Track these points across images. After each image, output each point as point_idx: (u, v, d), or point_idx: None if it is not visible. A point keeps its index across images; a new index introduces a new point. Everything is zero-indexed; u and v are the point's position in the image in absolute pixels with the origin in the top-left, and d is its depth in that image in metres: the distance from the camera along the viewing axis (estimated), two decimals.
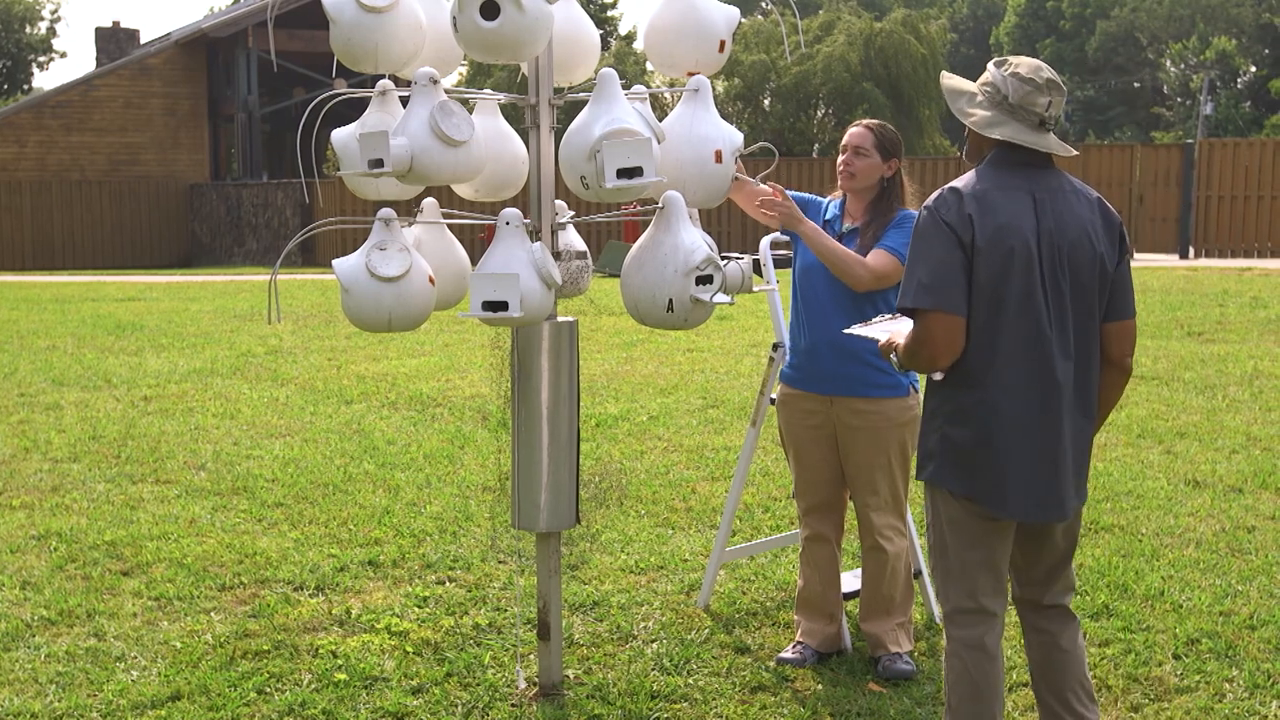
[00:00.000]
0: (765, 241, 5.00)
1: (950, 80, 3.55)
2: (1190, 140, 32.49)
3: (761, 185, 4.56)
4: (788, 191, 4.52)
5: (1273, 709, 4.15)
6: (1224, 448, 7.66)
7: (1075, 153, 3.50)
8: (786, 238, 4.72)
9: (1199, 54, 61.57)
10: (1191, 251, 25.30)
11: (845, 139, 4.53)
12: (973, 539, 3.46)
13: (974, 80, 3.49)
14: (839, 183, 4.56)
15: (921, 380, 3.95)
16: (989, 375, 3.33)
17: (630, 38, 51.62)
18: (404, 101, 3.91)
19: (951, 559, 3.49)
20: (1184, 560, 5.57)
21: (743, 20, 37.50)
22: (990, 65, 3.45)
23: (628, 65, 37.01)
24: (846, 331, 3.99)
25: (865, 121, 4.59)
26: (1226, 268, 20.56)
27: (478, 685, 4.40)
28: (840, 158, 4.52)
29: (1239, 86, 63.93)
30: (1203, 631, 4.75)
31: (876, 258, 4.35)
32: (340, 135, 4.11)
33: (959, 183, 3.37)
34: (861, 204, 4.52)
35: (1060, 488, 3.37)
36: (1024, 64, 3.37)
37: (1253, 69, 63.75)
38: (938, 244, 3.30)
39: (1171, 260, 24.27)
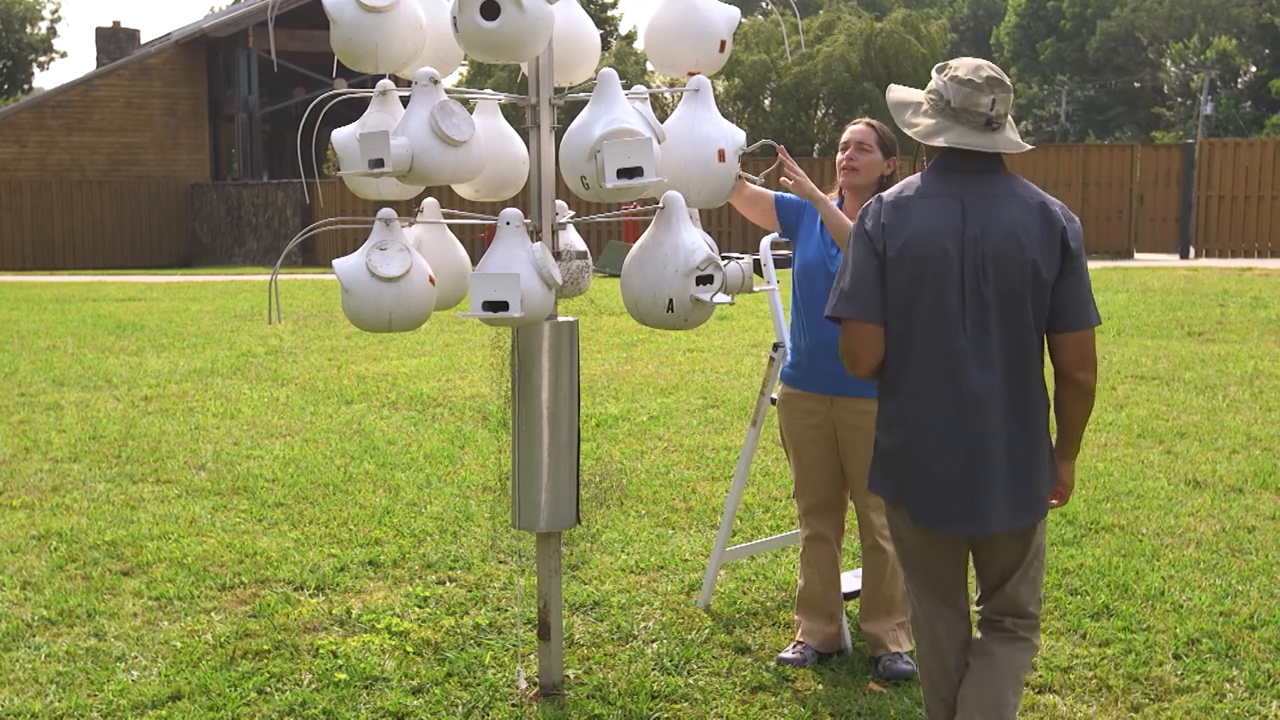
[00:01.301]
0: (765, 241, 5.00)
1: (895, 93, 3.48)
2: (1191, 140, 32.49)
3: (760, 187, 4.56)
4: (784, 193, 4.53)
5: (1273, 709, 4.15)
6: (1224, 448, 7.66)
7: (1028, 148, 3.36)
8: (786, 238, 4.72)
9: (1199, 54, 61.58)
10: (1192, 251, 25.30)
11: (847, 135, 4.53)
12: (912, 546, 3.46)
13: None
14: (840, 179, 4.55)
15: None
16: (905, 384, 3.31)
17: (631, 37, 51.62)
18: (404, 101, 3.91)
19: (901, 561, 3.55)
20: (1184, 560, 5.57)
21: (743, 20, 37.50)
22: (934, 72, 3.39)
23: (628, 65, 37.02)
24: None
25: (865, 119, 4.59)
26: (1227, 268, 20.56)
27: (478, 685, 4.40)
28: (842, 154, 4.52)
29: (1239, 86, 63.94)
30: (1203, 631, 4.75)
31: None
32: (340, 135, 4.11)
33: (893, 189, 3.38)
34: (859, 202, 4.51)
35: (982, 502, 3.26)
36: (964, 65, 3.29)
37: (1253, 69, 63.77)
38: (859, 252, 3.32)
39: (1172, 260, 24.27)
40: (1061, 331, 3.25)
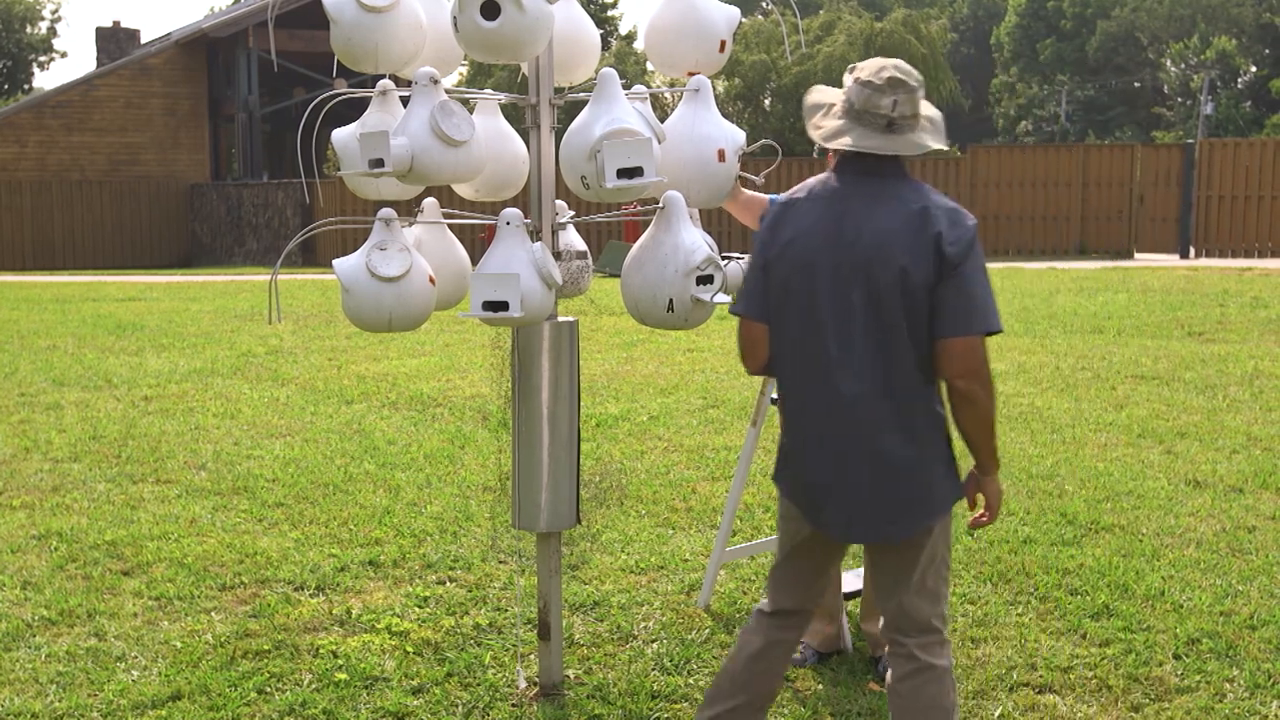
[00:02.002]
0: None
1: (814, 95, 3.44)
2: (1191, 140, 32.49)
3: (755, 192, 4.56)
4: (780, 196, 4.52)
5: (1273, 709, 4.15)
6: (1224, 448, 7.66)
7: (933, 148, 3.27)
8: None
9: (1199, 54, 61.59)
10: (1192, 251, 25.32)
11: None
12: (791, 540, 3.47)
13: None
14: None
15: None
16: (786, 384, 3.34)
17: (631, 37, 51.63)
18: (404, 101, 3.91)
19: (779, 549, 3.55)
20: (1184, 560, 5.57)
21: (743, 20, 37.48)
22: (845, 74, 3.37)
23: (628, 65, 37.03)
24: None
25: None
26: (1227, 267, 20.57)
27: (478, 685, 4.40)
28: None
29: (1239, 86, 63.94)
30: (1203, 631, 4.75)
31: None
32: (340, 135, 4.11)
33: (793, 189, 3.41)
34: None
35: (856, 509, 3.25)
36: (868, 66, 3.26)
37: (1253, 69, 63.76)
38: (753, 251, 3.37)
39: (1172, 260, 24.29)
40: (940, 338, 3.15)
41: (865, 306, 3.16)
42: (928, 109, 3.32)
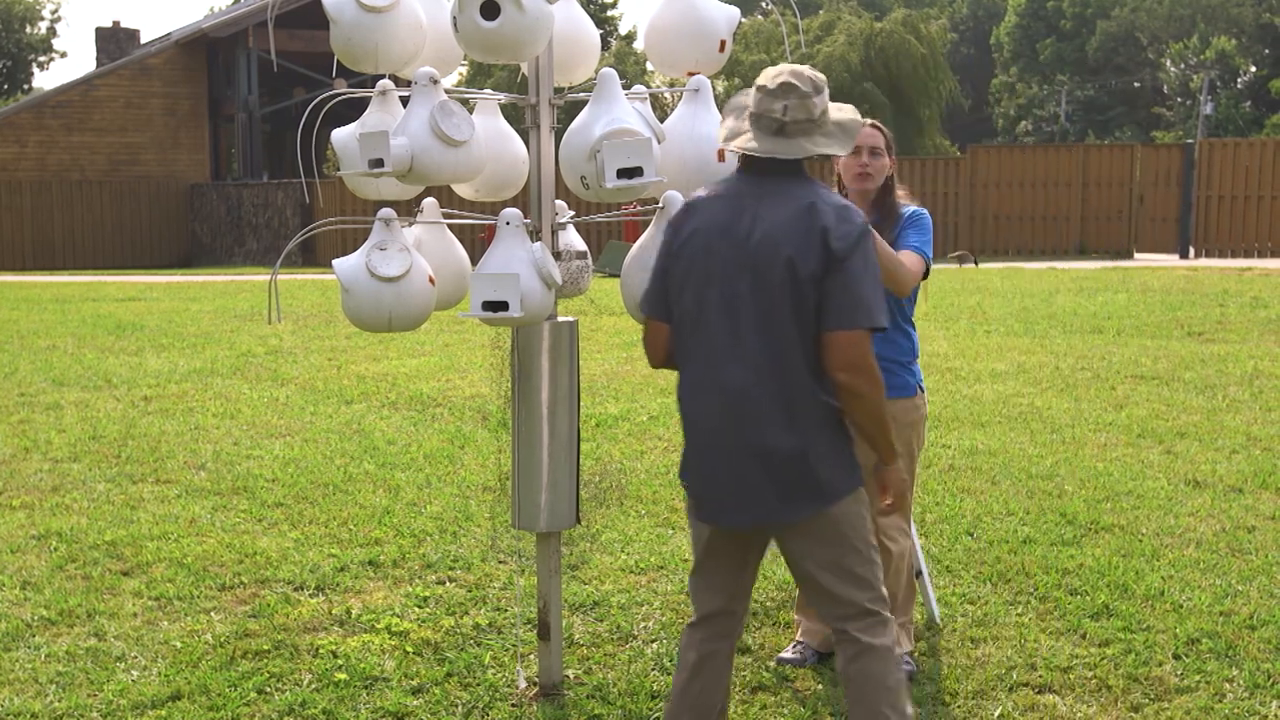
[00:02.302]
0: None
1: (734, 98, 3.49)
2: (1190, 140, 32.51)
3: None
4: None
5: (1273, 709, 4.15)
6: (1224, 448, 7.66)
7: (820, 153, 3.31)
8: None
9: (1199, 54, 61.60)
10: (1192, 251, 25.33)
11: (857, 140, 4.49)
12: (699, 540, 3.51)
13: None
14: (853, 184, 4.51)
15: (927, 381, 3.96)
16: (681, 375, 3.41)
17: (630, 37, 51.65)
18: (404, 101, 3.91)
19: (693, 554, 3.60)
20: (1184, 560, 5.57)
21: (743, 20, 37.45)
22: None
23: (628, 65, 37.05)
24: None
25: (870, 121, 4.55)
26: (1227, 267, 20.57)
27: (478, 685, 4.40)
28: (854, 159, 4.48)
29: (1239, 86, 63.95)
30: (1203, 631, 4.74)
31: (911, 260, 4.35)
32: (340, 135, 4.11)
33: (700, 189, 3.48)
34: (866, 202, 4.51)
35: (744, 495, 3.30)
36: (769, 71, 3.34)
37: (1253, 69, 63.78)
38: (662, 251, 3.44)
39: (1172, 260, 24.30)
40: (824, 331, 3.22)
41: (752, 298, 3.24)
42: (841, 113, 3.38)
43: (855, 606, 3.38)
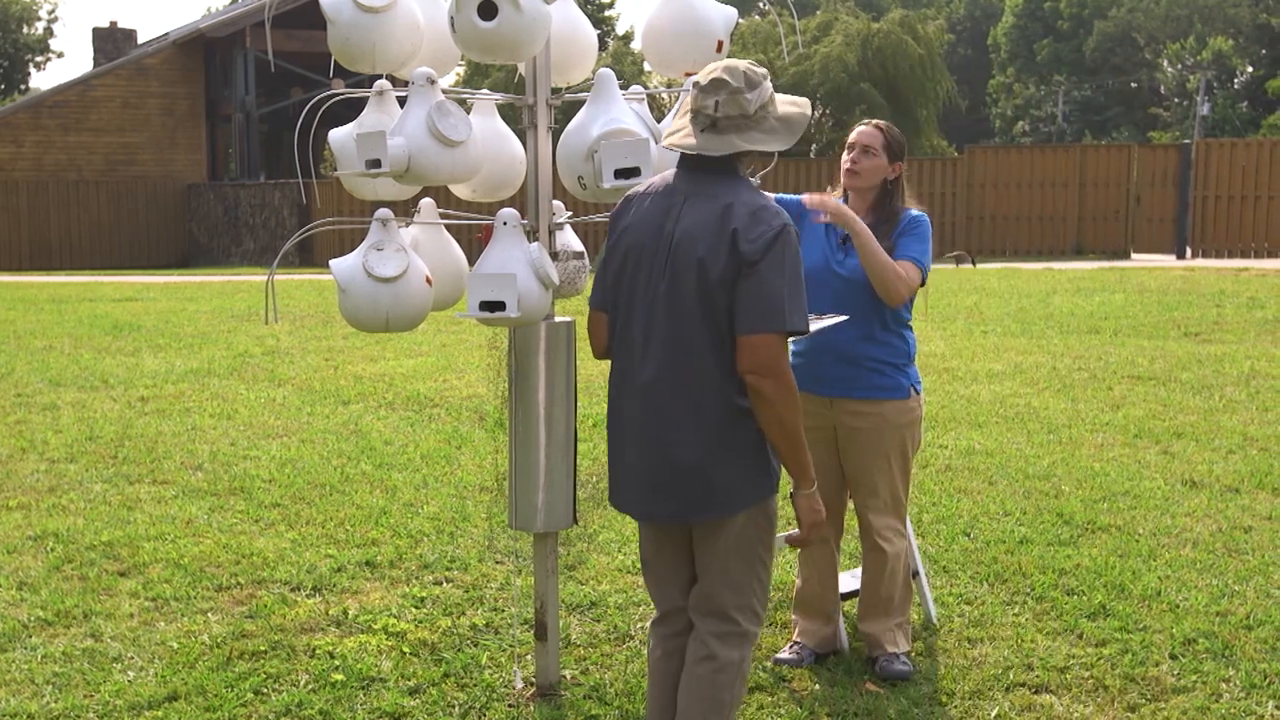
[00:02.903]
0: None
1: (683, 96, 3.51)
2: (1187, 140, 32.52)
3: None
4: (785, 195, 4.52)
5: (1269, 709, 4.16)
6: (1221, 448, 7.67)
7: (748, 148, 3.26)
8: None
9: (1196, 54, 61.63)
10: (1188, 252, 25.33)
11: (853, 137, 4.50)
12: (641, 533, 3.58)
13: None
14: (842, 180, 4.53)
15: (924, 381, 3.96)
16: (611, 370, 3.47)
17: (628, 38, 51.64)
18: (401, 102, 3.91)
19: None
20: (1181, 560, 5.57)
21: (740, 20, 37.31)
22: None
23: (625, 65, 37.03)
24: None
25: (875, 121, 4.55)
26: (1223, 268, 20.58)
27: (475, 686, 4.40)
28: (847, 155, 4.50)
29: (1236, 87, 63.98)
30: (1199, 631, 4.75)
31: (907, 269, 4.34)
32: (337, 135, 4.11)
33: (643, 184, 3.51)
34: (863, 204, 4.50)
35: (651, 490, 3.36)
36: (707, 69, 3.34)
37: (1250, 69, 63.81)
38: (605, 243, 3.48)
39: (1169, 260, 24.30)
40: (736, 333, 3.21)
41: (667, 296, 3.26)
42: (790, 107, 3.35)
43: (717, 608, 3.41)
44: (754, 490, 3.33)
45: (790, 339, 3.27)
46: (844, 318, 4.30)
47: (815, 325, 4.05)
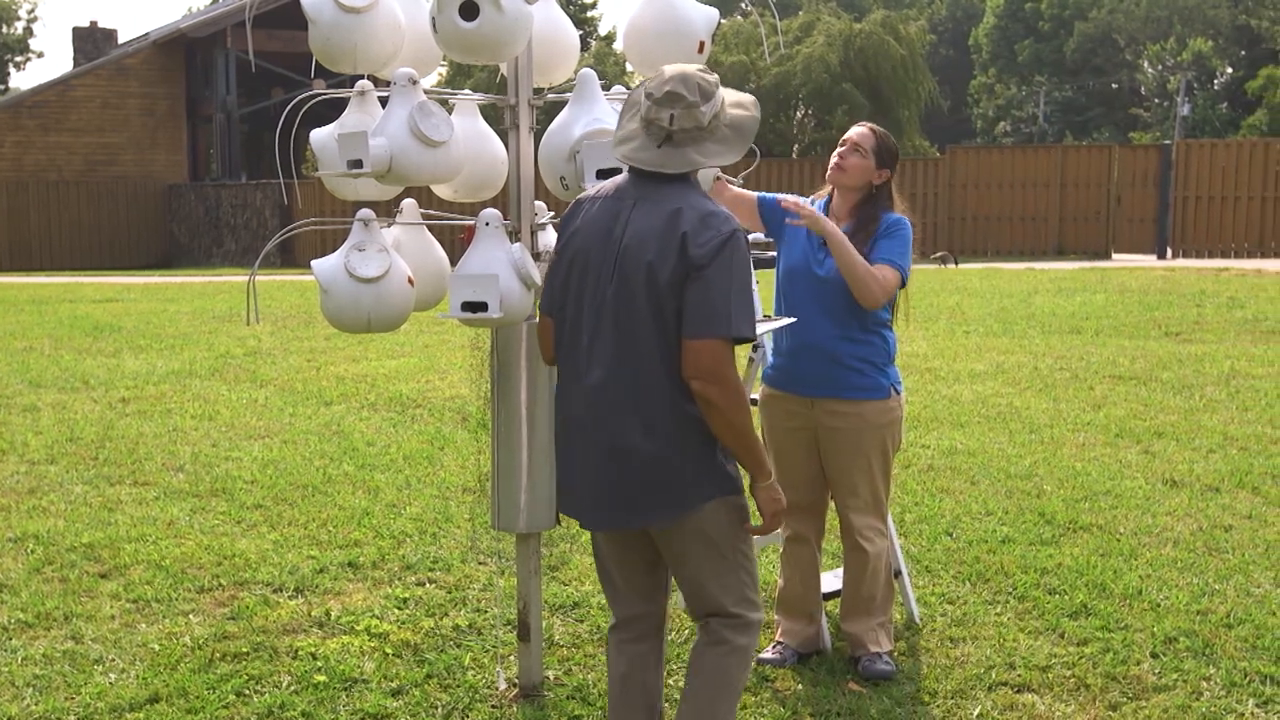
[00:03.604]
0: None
1: (632, 94, 3.43)
2: (1168, 141, 32.66)
3: (741, 189, 4.56)
4: (767, 194, 4.52)
5: (1249, 707, 4.17)
6: (1201, 447, 7.70)
7: (705, 163, 3.26)
8: (769, 239, 4.71)
9: (1176, 55, 61.90)
10: (1169, 252, 25.44)
11: (848, 134, 4.51)
12: (592, 541, 3.53)
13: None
14: (828, 175, 4.53)
15: (906, 382, 3.97)
16: (558, 375, 3.43)
17: (610, 38, 51.63)
18: (383, 102, 3.90)
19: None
20: (1162, 559, 5.59)
21: (722, 21, 37.38)
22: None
23: (607, 66, 37.01)
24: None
25: (870, 124, 4.56)
26: (1204, 268, 20.67)
27: (458, 687, 4.40)
28: (837, 150, 4.50)
29: (1216, 88, 64.28)
30: (1180, 630, 4.77)
31: (884, 273, 4.34)
32: (319, 136, 4.10)
33: (594, 188, 3.48)
34: (847, 205, 4.50)
35: (590, 495, 3.32)
36: (661, 75, 3.27)
37: (1229, 70, 64.10)
38: (554, 247, 3.44)
39: (1149, 260, 24.40)
40: (683, 338, 3.20)
41: (615, 300, 3.23)
42: (739, 110, 3.33)
43: (725, 610, 3.40)
44: (711, 487, 3.30)
45: (747, 343, 3.29)
46: (793, 319, 4.35)
47: (763, 328, 4.04)
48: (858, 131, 4.50)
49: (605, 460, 3.28)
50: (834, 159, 4.49)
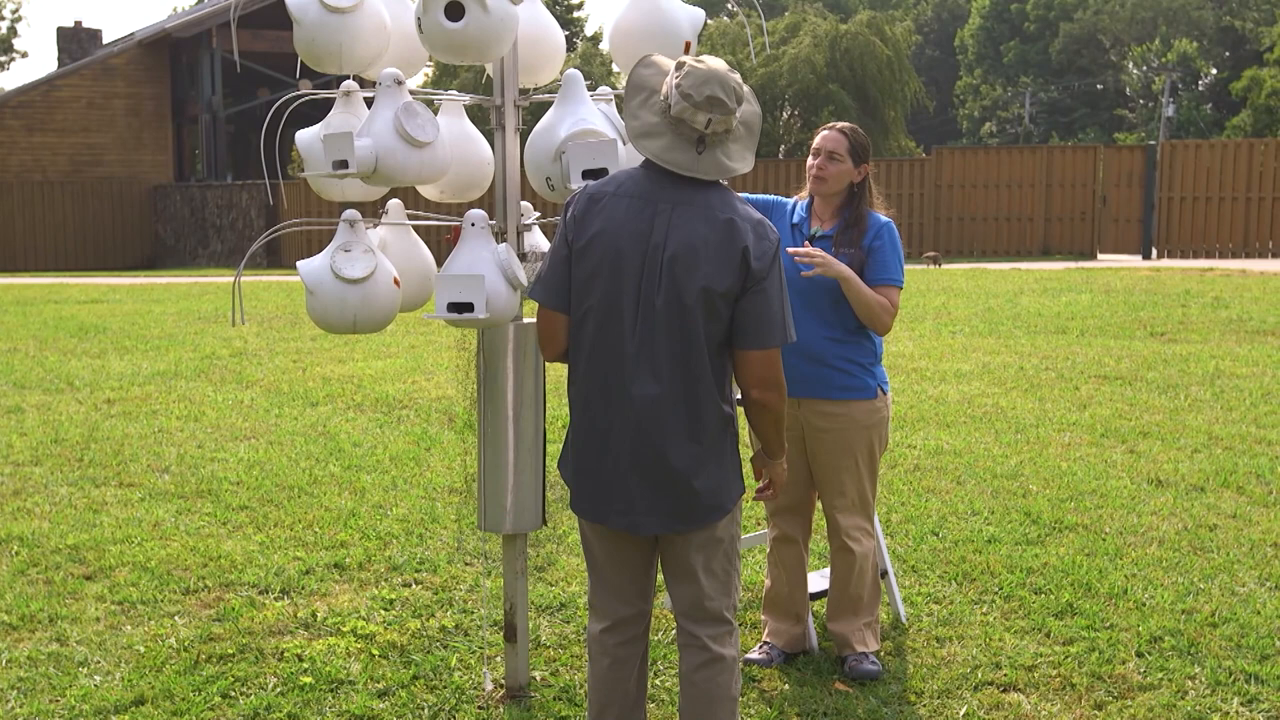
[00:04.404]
0: None
1: (635, 76, 3.38)
2: (1153, 142, 32.76)
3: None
4: (755, 195, 4.53)
5: (1234, 705, 4.19)
6: (1186, 447, 7.73)
7: (740, 170, 3.26)
8: None
9: (1161, 56, 62.09)
10: (1154, 252, 25.51)
11: (817, 142, 4.51)
12: (591, 538, 3.51)
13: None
14: (810, 186, 4.54)
15: (892, 382, 3.98)
16: (580, 376, 3.36)
17: (596, 39, 51.62)
18: (369, 103, 3.90)
19: (585, 558, 3.60)
20: (1147, 559, 5.61)
21: (708, 21, 37.44)
22: (672, 65, 3.32)
23: (593, 66, 37.03)
24: None
25: (838, 125, 4.55)
26: (1189, 268, 20.74)
27: (444, 687, 4.39)
28: (812, 161, 4.51)
29: (1200, 89, 64.51)
30: (1165, 629, 4.78)
31: (890, 297, 4.39)
32: (305, 136, 4.09)
33: (599, 181, 3.40)
34: (830, 207, 4.52)
35: (637, 502, 3.31)
36: (695, 73, 3.20)
37: (1214, 71, 64.33)
38: (556, 240, 3.38)
39: (1134, 261, 24.47)
40: (741, 349, 3.24)
41: (667, 311, 3.20)
42: (744, 111, 3.31)
43: (714, 613, 3.42)
44: (736, 491, 3.39)
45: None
46: None
47: None
48: (828, 137, 4.49)
49: (653, 467, 3.27)
50: (811, 170, 4.49)
